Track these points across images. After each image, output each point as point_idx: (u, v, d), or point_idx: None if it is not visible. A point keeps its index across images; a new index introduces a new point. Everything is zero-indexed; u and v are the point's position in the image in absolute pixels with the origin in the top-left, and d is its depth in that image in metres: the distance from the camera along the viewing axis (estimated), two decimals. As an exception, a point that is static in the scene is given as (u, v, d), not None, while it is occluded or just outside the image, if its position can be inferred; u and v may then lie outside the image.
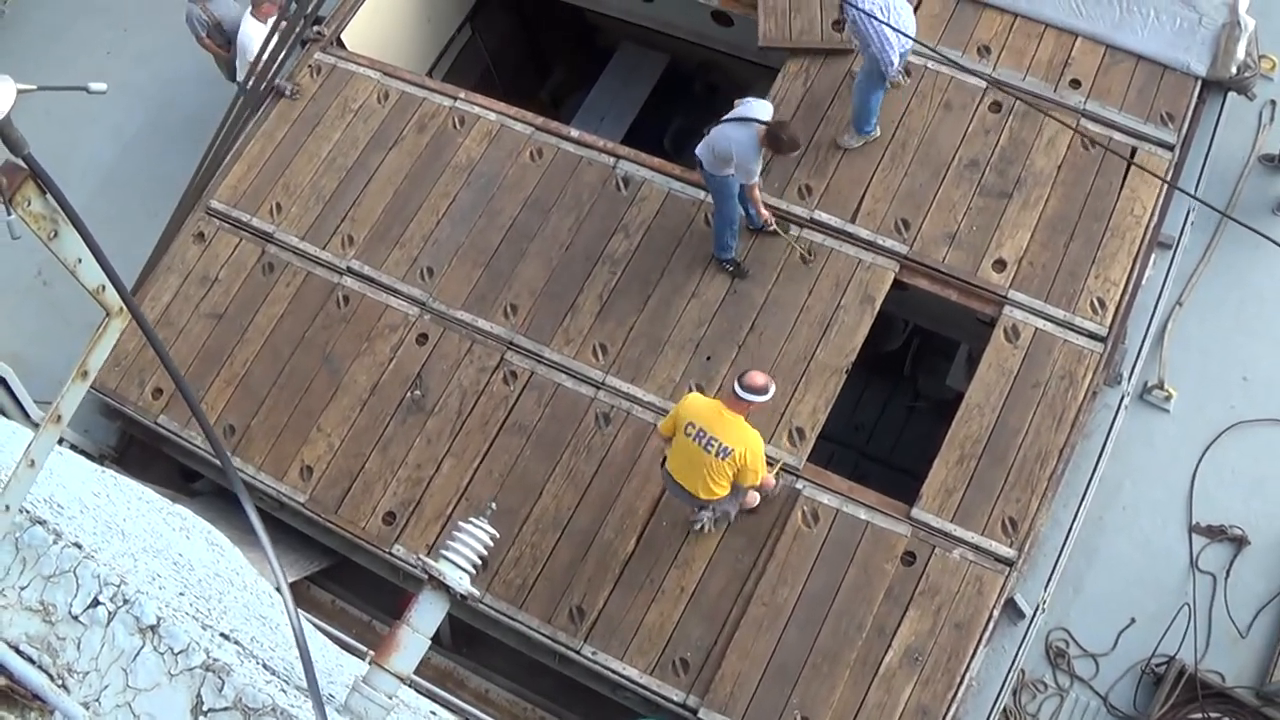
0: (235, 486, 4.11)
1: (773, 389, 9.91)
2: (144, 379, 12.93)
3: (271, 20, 14.11)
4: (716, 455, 9.88)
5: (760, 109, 11.18)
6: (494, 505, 5.93)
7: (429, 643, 5.21)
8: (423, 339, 12.59)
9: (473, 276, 12.81)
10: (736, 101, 11.43)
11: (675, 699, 10.95)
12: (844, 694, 10.67)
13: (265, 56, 14.04)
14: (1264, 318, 12.34)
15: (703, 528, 11.21)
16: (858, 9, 11.30)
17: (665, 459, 10.53)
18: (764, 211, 11.91)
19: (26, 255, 9.81)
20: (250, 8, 14.12)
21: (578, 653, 11.22)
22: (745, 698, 10.80)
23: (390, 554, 11.71)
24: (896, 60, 11.67)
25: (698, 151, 11.44)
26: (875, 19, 11.26)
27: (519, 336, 12.43)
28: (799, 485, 11.42)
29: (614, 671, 11.12)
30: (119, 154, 15.93)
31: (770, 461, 10.94)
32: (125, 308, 4.19)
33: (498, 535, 5.40)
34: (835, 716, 10.67)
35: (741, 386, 9.76)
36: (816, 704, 10.71)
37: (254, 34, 14.09)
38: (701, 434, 9.90)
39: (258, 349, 12.90)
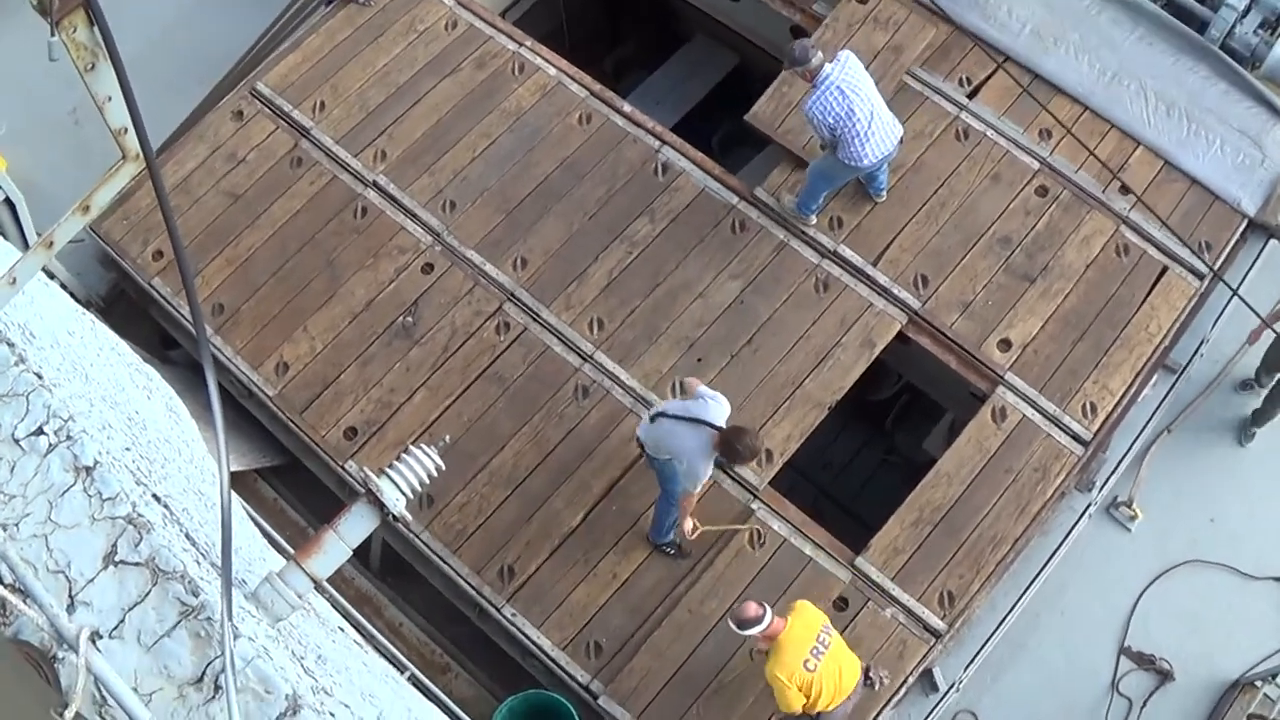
0: (203, 355, 4.11)
1: (765, 614, 9.52)
2: (148, 239, 12.89)
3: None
4: (829, 648, 9.70)
5: (716, 412, 10.12)
6: (447, 439, 5.92)
7: (350, 553, 5.20)
8: (428, 269, 12.59)
9: (492, 221, 12.81)
10: (689, 387, 10.84)
11: (580, 679, 10.97)
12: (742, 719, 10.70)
13: (350, -44, 14.00)
14: (1246, 468, 12.30)
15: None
16: (820, 109, 11.25)
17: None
18: (685, 525, 10.73)
19: (64, 91, 9.82)
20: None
21: (499, 610, 11.23)
22: (647, 696, 10.83)
23: (343, 468, 11.70)
24: (870, 159, 11.62)
25: (640, 434, 10.68)
26: (851, 119, 11.26)
27: (522, 290, 12.42)
28: (754, 506, 11.42)
29: (528, 638, 11.13)
30: (178, 14, 15.84)
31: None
32: (141, 154, 4.18)
33: (443, 468, 5.39)
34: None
35: (737, 625, 9.55)
36: None
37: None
38: (817, 652, 9.63)
39: (266, 237, 12.89)
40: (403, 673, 9.49)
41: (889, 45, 13.37)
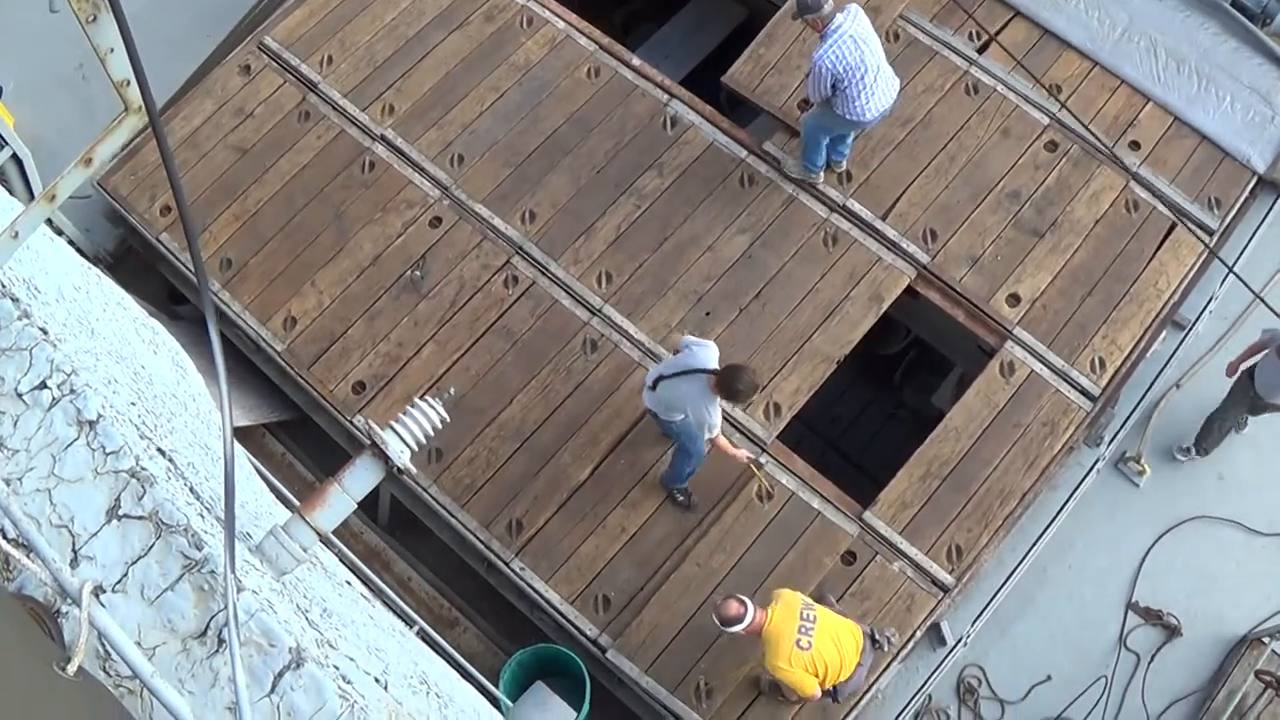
0: (205, 305, 4.10)
1: (747, 609, 9.52)
2: (156, 194, 12.86)
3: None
4: (816, 622, 9.68)
5: (705, 357, 10.13)
6: (451, 391, 5.91)
7: (355, 506, 5.19)
8: (436, 222, 12.57)
9: (500, 175, 12.79)
10: (679, 346, 10.68)
11: (589, 633, 11.00)
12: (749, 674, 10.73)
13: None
14: (1255, 424, 12.29)
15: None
16: (833, 58, 11.13)
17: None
18: (740, 453, 10.92)
19: (71, 47, 9.81)
20: None
21: (507, 564, 11.26)
22: (656, 650, 10.87)
23: (351, 422, 11.71)
24: (872, 113, 11.56)
25: (647, 404, 10.73)
26: (853, 77, 11.19)
27: (530, 244, 12.41)
28: (762, 460, 11.43)
29: (537, 592, 11.16)
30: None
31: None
32: (144, 107, 4.16)
33: (448, 420, 5.38)
34: (736, 694, 10.75)
35: (721, 623, 9.55)
36: (723, 676, 10.78)
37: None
38: (805, 630, 9.60)
39: (273, 192, 12.86)
40: (411, 627, 9.49)
41: (898, -5, 13.38)
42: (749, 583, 11.00)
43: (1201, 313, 12.32)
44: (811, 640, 9.54)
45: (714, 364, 10.01)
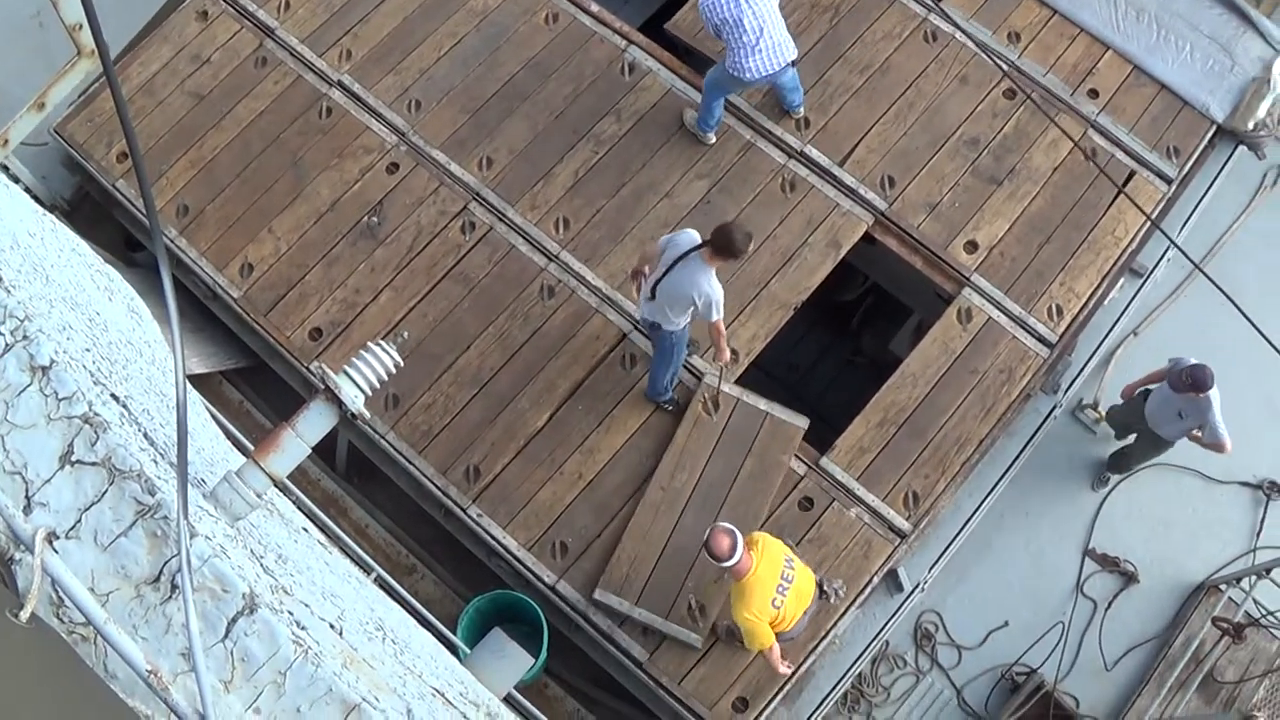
0: (157, 250, 4.06)
1: (738, 542, 9.36)
2: (112, 140, 12.78)
3: None
4: (793, 581, 9.68)
5: (689, 238, 10.07)
6: (405, 335, 5.89)
7: (309, 451, 5.16)
8: (393, 168, 12.53)
9: (458, 120, 12.75)
10: (649, 253, 10.63)
11: (546, 580, 11.03)
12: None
13: None
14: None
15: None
16: (712, 8, 11.23)
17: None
18: (727, 353, 10.85)
19: (28, -2, 9.69)
20: None
21: (464, 511, 11.27)
22: (640, 581, 10.91)
23: (308, 368, 11.67)
24: (753, 74, 11.56)
25: (647, 317, 10.70)
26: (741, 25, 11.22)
27: (487, 190, 12.37)
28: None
29: (494, 538, 11.17)
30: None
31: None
32: (96, 50, 4.12)
33: (402, 364, 5.36)
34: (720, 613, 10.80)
35: (712, 557, 9.31)
36: (707, 591, 10.86)
37: None
38: (782, 588, 9.60)
39: (230, 138, 12.80)
40: (369, 574, 9.49)
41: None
42: (716, 495, 11.11)
43: (1159, 260, 12.35)
44: (784, 600, 9.58)
45: (698, 239, 10.00)
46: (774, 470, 11.23)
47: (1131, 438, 12.05)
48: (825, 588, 10.78)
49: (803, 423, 11.40)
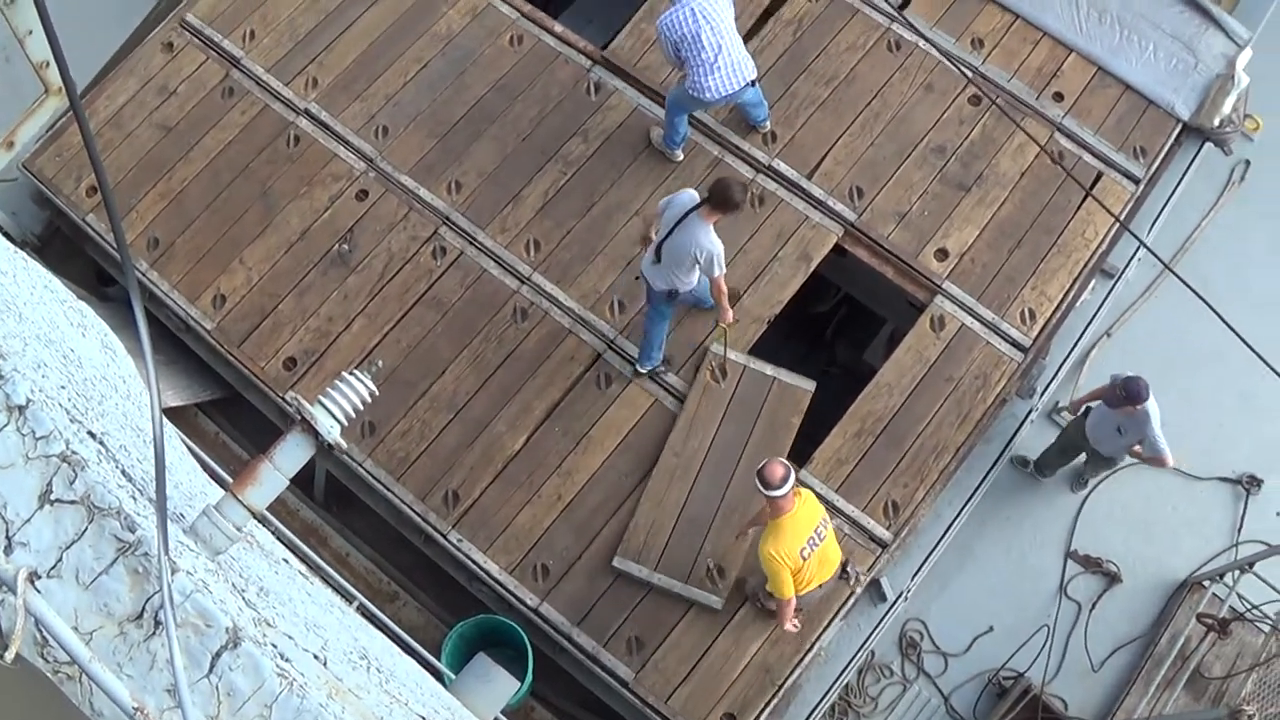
0: (129, 284, 4.06)
1: (791, 477, 9.38)
2: (82, 175, 12.77)
3: None
4: (823, 541, 9.78)
5: (687, 197, 10.29)
6: (380, 364, 5.88)
7: (287, 483, 5.15)
8: (363, 195, 12.53)
9: (425, 145, 12.74)
10: (657, 211, 10.74)
11: (529, 602, 11.02)
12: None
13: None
14: (1186, 371, 12.37)
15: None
16: (667, 25, 11.19)
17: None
18: (729, 312, 11.00)
19: (-8, 30, 9.63)
20: None
21: (444, 536, 11.26)
22: (659, 548, 10.97)
23: (283, 398, 11.64)
24: (713, 94, 11.50)
25: (654, 285, 10.77)
26: (699, 46, 11.19)
27: (457, 214, 12.38)
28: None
29: (475, 563, 11.16)
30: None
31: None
32: (64, 88, 4.12)
33: (377, 393, 5.35)
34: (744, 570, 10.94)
35: (764, 484, 9.31)
36: (726, 551, 10.98)
37: None
38: (813, 543, 9.69)
39: (199, 170, 12.79)
40: (351, 602, 9.46)
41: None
42: (729, 460, 11.21)
43: (1130, 261, 12.37)
44: (812, 553, 9.64)
45: (697, 196, 10.18)
46: (784, 433, 11.35)
47: (1081, 458, 12.05)
48: (849, 568, 10.82)
49: (810, 385, 11.54)
